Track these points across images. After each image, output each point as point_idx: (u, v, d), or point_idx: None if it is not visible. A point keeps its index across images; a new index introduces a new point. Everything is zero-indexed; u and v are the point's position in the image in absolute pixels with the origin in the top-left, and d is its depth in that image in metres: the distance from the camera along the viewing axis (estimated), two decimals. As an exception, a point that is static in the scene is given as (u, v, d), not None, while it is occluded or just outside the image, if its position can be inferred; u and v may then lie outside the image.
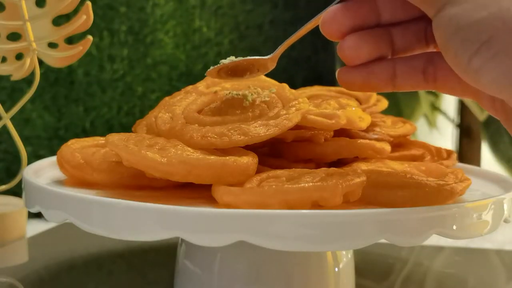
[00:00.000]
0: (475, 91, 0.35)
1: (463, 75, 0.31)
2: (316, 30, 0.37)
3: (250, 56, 0.40)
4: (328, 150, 0.43)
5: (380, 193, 0.38)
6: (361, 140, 0.44)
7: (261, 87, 0.44)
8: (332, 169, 0.39)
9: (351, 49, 0.36)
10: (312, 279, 0.42)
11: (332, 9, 0.36)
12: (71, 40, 0.57)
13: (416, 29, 0.36)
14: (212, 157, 0.37)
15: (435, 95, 1.02)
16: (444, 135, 1.03)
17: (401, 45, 0.36)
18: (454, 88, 0.36)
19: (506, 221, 0.40)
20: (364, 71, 0.36)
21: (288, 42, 0.39)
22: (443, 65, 0.34)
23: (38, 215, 0.46)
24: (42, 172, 0.46)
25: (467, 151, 0.99)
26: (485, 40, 0.30)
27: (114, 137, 0.39)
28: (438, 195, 0.37)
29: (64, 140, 0.47)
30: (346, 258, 0.44)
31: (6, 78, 0.61)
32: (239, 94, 0.42)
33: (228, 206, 0.35)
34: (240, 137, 0.38)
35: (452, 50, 0.31)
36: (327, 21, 0.35)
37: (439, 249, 0.61)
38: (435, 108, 1.01)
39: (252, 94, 0.42)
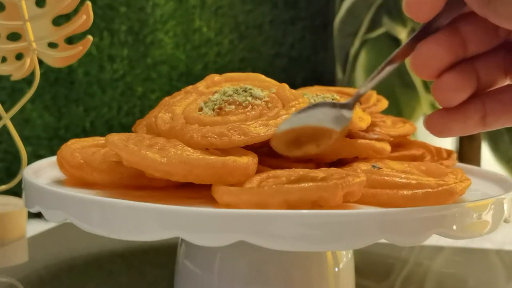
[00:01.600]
0: None
1: None
2: (315, 30, 0.37)
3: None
4: (328, 150, 0.43)
5: (380, 193, 0.38)
6: (361, 140, 0.43)
7: (261, 87, 0.44)
8: (332, 169, 0.39)
9: (453, 91, 0.31)
10: (312, 279, 0.42)
11: (427, 44, 0.31)
12: (71, 40, 0.57)
13: (496, 60, 0.33)
14: (212, 157, 0.37)
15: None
16: (444, 135, 1.02)
17: (485, 79, 0.33)
18: None
19: (506, 221, 0.40)
20: (461, 116, 0.32)
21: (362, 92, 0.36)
22: None
23: (38, 215, 0.46)
24: (42, 172, 0.46)
25: (467, 151, 0.99)
26: None
27: (114, 137, 0.39)
28: (438, 195, 0.37)
29: (64, 140, 0.47)
30: (346, 258, 0.44)
31: (6, 78, 0.61)
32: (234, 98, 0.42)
33: (228, 206, 0.35)
34: (240, 137, 0.38)
35: None
36: (426, 60, 0.31)
37: (439, 249, 0.61)
38: (435, 108, 1.01)
39: (246, 98, 0.42)
